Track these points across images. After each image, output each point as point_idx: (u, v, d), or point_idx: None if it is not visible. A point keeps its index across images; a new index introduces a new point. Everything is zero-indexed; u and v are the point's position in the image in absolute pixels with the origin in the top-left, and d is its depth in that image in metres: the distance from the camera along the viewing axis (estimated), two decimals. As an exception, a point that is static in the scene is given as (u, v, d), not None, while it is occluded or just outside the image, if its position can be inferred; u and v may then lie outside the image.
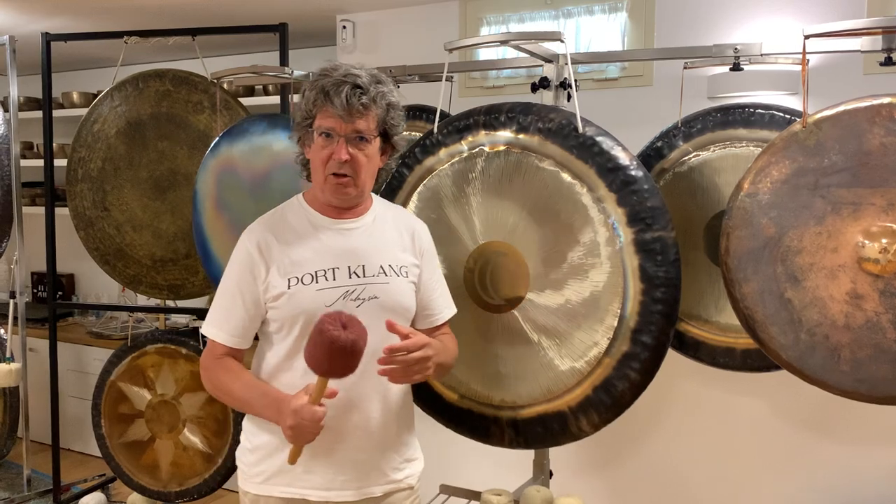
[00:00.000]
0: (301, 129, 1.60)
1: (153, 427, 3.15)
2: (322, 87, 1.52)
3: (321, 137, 1.55)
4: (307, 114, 1.57)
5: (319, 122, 1.55)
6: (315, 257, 1.59)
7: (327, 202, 1.63)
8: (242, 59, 3.75)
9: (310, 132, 1.57)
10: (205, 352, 1.66)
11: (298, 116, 1.58)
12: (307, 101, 1.55)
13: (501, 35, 2.01)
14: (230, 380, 1.61)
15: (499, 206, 1.91)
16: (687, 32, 2.61)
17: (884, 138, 1.57)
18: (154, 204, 3.05)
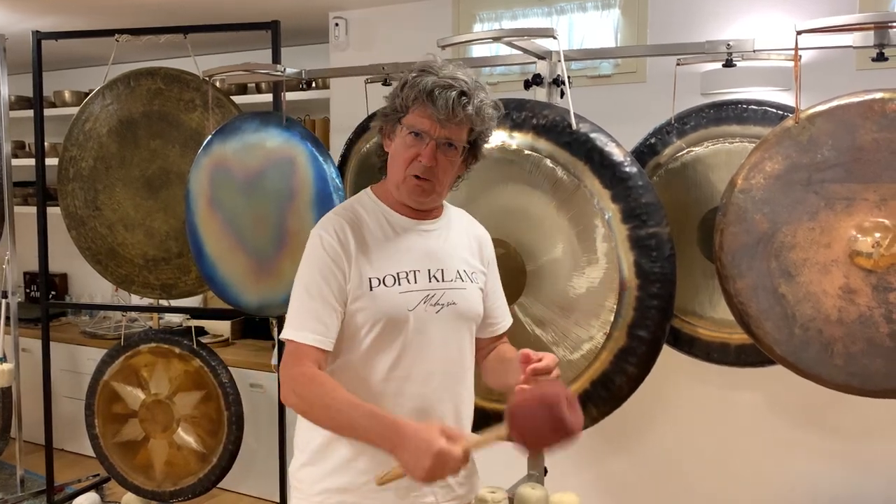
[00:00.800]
0: (388, 120, 1.48)
1: (147, 427, 3.14)
2: (426, 87, 1.42)
3: (410, 136, 1.44)
4: (400, 107, 1.45)
5: (413, 119, 1.44)
6: (396, 258, 1.49)
7: (402, 201, 1.52)
8: (234, 58, 3.73)
9: (397, 126, 1.47)
10: (287, 360, 1.43)
11: (389, 107, 1.47)
12: (405, 95, 1.44)
13: (494, 32, 2.01)
14: (325, 393, 1.38)
15: (494, 203, 1.91)
16: (680, 29, 2.61)
17: (876, 134, 1.58)
18: (146, 203, 3.04)
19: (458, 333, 1.51)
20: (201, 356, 3.07)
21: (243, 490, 3.65)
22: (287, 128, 2.36)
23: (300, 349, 1.41)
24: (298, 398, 1.41)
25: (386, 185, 1.52)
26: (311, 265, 1.45)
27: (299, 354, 1.41)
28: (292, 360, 1.42)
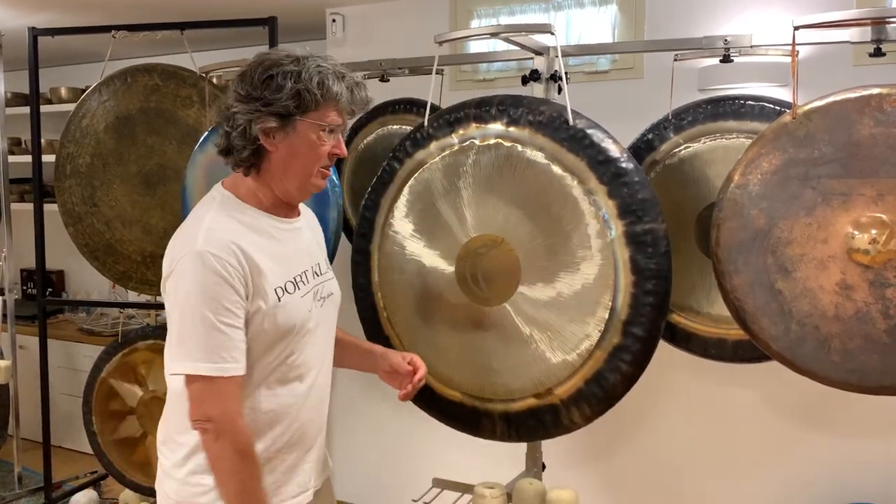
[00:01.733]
0: (281, 118, 1.42)
1: (145, 423, 3.14)
2: (349, 85, 1.45)
3: (322, 132, 1.45)
4: (303, 105, 1.42)
5: (324, 116, 1.44)
6: (288, 262, 1.49)
7: (294, 197, 1.51)
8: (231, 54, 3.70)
9: (294, 123, 1.43)
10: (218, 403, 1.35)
11: (281, 106, 1.40)
12: (314, 93, 1.41)
13: (492, 27, 2.00)
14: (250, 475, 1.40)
15: (490, 200, 1.91)
16: (677, 24, 2.61)
17: (873, 129, 1.58)
18: (143, 199, 3.04)
19: (333, 320, 1.62)
20: (199, 353, 3.06)
21: (241, 487, 3.64)
22: (283, 124, 2.35)
23: (231, 383, 1.36)
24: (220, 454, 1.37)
25: (251, 185, 1.48)
26: (204, 291, 1.35)
27: (231, 391, 1.37)
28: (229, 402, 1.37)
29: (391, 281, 2.05)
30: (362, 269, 2.12)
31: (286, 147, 1.44)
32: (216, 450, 1.37)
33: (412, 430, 3.16)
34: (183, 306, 1.36)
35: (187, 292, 1.35)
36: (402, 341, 2.05)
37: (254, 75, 1.42)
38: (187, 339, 1.36)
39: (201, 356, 1.35)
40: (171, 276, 1.39)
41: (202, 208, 1.47)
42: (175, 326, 1.38)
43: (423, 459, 3.12)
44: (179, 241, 1.42)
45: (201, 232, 1.38)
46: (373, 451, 3.33)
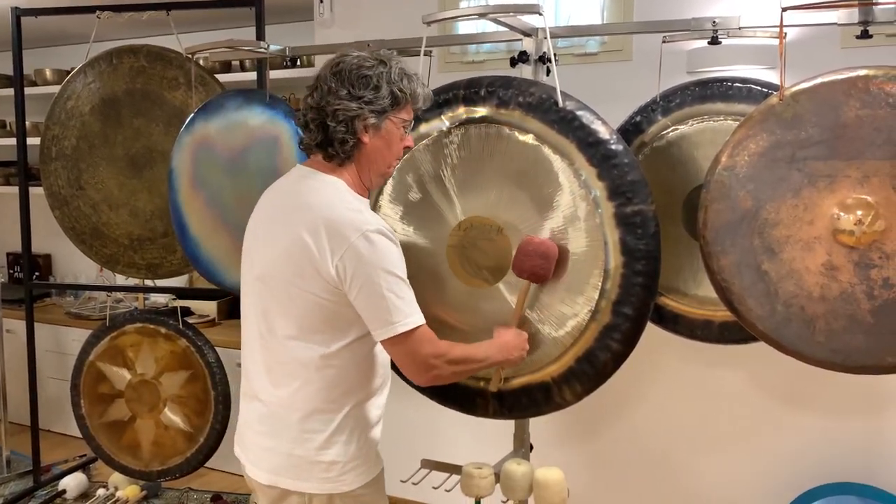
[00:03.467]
0: (379, 115, 1.60)
1: (133, 407, 3.14)
2: (422, 84, 1.67)
3: (403, 128, 1.66)
4: (398, 102, 1.61)
5: (406, 114, 1.65)
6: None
7: (374, 186, 1.73)
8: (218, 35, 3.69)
9: (384, 120, 1.61)
10: (426, 342, 1.57)
11: (382, 104, 1.59)
12: (409, 91, 1.62)
13: (480, 8, 1.99)
14: (462, 348, 1.67)
15: (480, 181, 1.91)
16: (665, 6, 2.60)
17: (859, 111, 1.59)
18: (130, 182, 3.02)
19: None
20: (188, 336, 3.06)
21: (231, 469, 3.66)
22: (271, 105, 2.34)
23: (424, 330, 1.57)
24: (452, 369, 1.62)
25: (346, 172, 1.63)
26: (396, 259, 1.55)
27: (425, 334, 1.57)
28: (425, 342, 1.57)
29: (380, 263, 2.05)
30: (351, 251, 2.11)
31: (376, 141, 1.62)
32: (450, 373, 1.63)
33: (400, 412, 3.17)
34: (381, 276, 1.52)
35: (376, 264, 1.51)
36: (391, 323, 2.06)
37: (351, 75, 1.58)
38: (394, 302, 1.52)
39: (410, 311, 1.54)
40: (351, 256, 1.51)
41: (330, 193, 1.59)
42: (374, 297, 1.52)
43: (411, 441, 3.14)
44: (336, 226, 1.52)
45: (362, 213, 1.57)
46: (362, 433, 3.35)
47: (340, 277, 1.51)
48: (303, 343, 1.58)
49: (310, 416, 1.60)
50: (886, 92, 1.56)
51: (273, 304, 1.61)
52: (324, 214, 1.53)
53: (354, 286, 1.51)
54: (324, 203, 1.56)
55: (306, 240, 1.52)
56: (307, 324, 1.57)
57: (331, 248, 1.51)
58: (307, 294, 1.54)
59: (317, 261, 1.51)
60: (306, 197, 1.59)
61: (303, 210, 1.57)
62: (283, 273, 1.57)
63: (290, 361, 1.60)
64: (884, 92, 1.57)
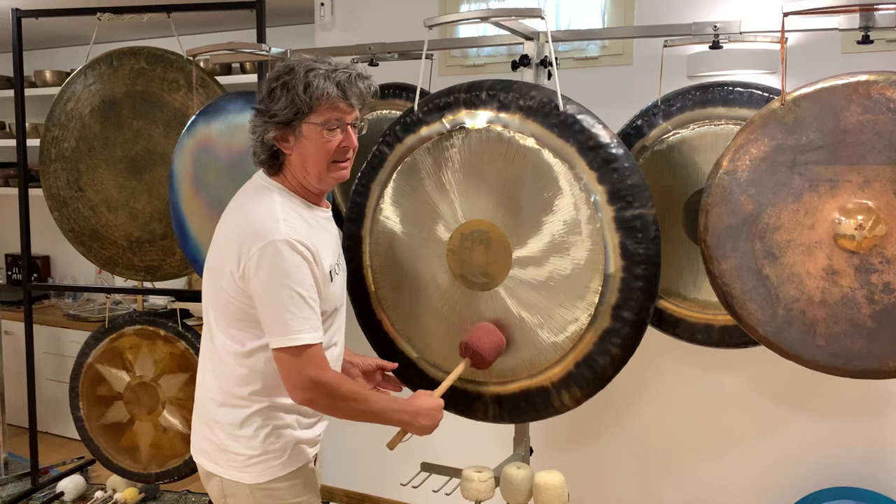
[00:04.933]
0: (288, 125, 1.60)
1: (132, 409, 3.14)
2: (337, 81, 1.58)
3: (325, 130, 1.60)
4: (301, 110, 1.58)
5: (325, 115, 1.60)
6: (328, 248, 1.68)
7: (318, 190, 1.69)
8: (218, 37, 3.69)
9: (300, 127, 1.59)
10: (303, 363, 1.55)
11: (283, 114, 1.58)
12: (308, 96, 1.57)
13: (482, 11, 2.00)
14: (357, 397, 1.64)
15: (480, 185, 1.91)
16: (666, 11, 2.61)
17: (860, 116, 1.59)
18: (130, 184, 3.02)
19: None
20: (187, 338, 3.06)
21: (229, 472, 3.65)
22: (272, 108, 2.34)
23: (313, 350, 1.56)
24: (331, 402, 1.60)
25: (288, 178, 1.66)
26: (291, 272, 1.54)
27: (314, 356, 1.56)
28: (313, 364, 1.56)
29: (382, 266, 2.06)
30: (353, 253, 2.11)
31: (299, 149, 1.62)
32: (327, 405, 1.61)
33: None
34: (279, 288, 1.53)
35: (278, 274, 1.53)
36: (393, 324, 2.06)
37: (263, 90, 1.62)
38: (285, 315, 1.53)
39: (300, 328, 1.54)
40: (255, 261, 1.53)
41: (261, 197, 1.62)
42: (268, 306, 1.54)
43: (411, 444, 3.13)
44: (251, 229, 1.56)
45: (279, 223, 1.55)
46: (360, 436, 3.34)
47: (246, 281, 1.55)
48: (221, 337, 1.65)
49: (220, 406, 1.67)
50: (887, 97, 1.57)
51: (206, 298, 1.70)
52: (244, 218, 1.60)
53: (255, 291, 1.55)
54: (248, 207, 1.62)
55: (227, 240, 1.60)
56: (224, 320, 1.64)
57: (240, 251, 1.55)
58: (222, 291, 1.61)
59: (230, 261, 1.57)
60: (242, 199, 1.67)
61: (234, 212, 1.65)
62: (210, 269, 1.67)
63: (212, 353, 1.69)
64: (885, 97, 1.57)
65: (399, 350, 2.08)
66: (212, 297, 1.67)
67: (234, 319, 1.62)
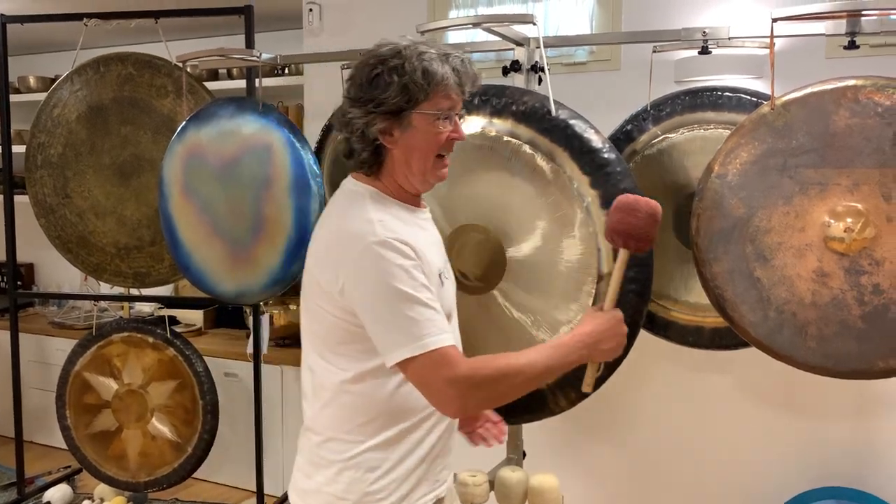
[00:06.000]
0: (394, 115, 1.40)
1: (120, 417, 3.11)
2: (453, 66, 1.42)
3: (438, 120, 1.43)
4: (414, 99, 1.39)
5: (440, 102, 1.42)
6: (436, 251, 1.51)
7: (419, 190, 1.50)
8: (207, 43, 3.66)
9: (409, 117, 1.41)
10: (439, 370, 1.32)
11: (395, 102, 1.39)
12: (427, 80, 1.39)
13: (473, 17, 2.01)
14: (507, 370, 1.37)
15: (474, 189, 1.92)
16: (654, 16, 2.63)
17: (849, 120, 1.61)
18: (117, 190, 3.00)
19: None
20: (175, 345, 3.04)
21: (219, 479, 3.63)
22: (263, 114, 2.33)
23: (443, 352, 1.34)
24: (484, 393, 1.37)
25: (385, 180, 1.48)
26: (402, 275, 1.34)
27: (447, 357, 1.34)
28: (443, 367, 1.33)
29: (374, 271, 2.06)
30: (344, 259, 2.11)
31: (405, 142, 1.43)
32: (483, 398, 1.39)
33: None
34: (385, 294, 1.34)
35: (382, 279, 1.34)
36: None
37: (361, 77, 1.42)
38: (403, 322, 1.33)
39: (424, 331, 1.33)
40: (354, 271, 1.36)
41: (351, 204, 1.44)
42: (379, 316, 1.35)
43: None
44: (343, 238, 1.39)
45: (373, 224, 1.37)
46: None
47: (346, 295, 1.37)
48: (323, 364, 1.46)
49: (325, 441, 1.47)
50: (875, 101, 1.59)
51: (304, 323, 1.51)
52: (336, 227, 1.43)
53: (360, 305, 1.37)
54: (340, 215, 1.45)
55: (322, 255, 1.43)
56: (326, 345, 1.45)
57: (337, 264, 1.39)
58: (325, 312, 1.42)
59: (326, 278, 1.40)
60: (332, 209, 1.49)
61: (326, 224, 1.47)
62: (309, 290, 1.46)
63: (312, 382, 1.50)
64: (873, 101, 1.60)
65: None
66: (309, 322, 1.48)
67: (336, 343, 1.43)
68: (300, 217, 2.24)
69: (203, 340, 3.76)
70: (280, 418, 3.51)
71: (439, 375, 1.33)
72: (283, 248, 2.26)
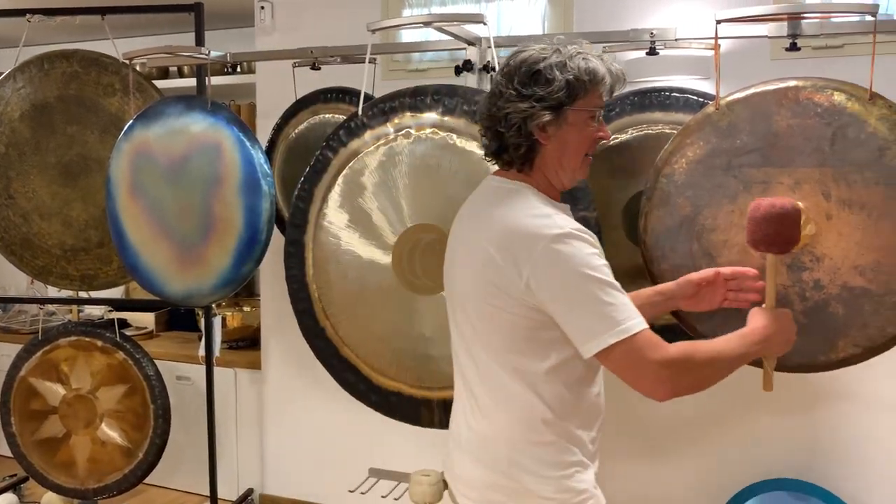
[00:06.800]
0: (555, 111, 1.42)
1: (68, 423, 3.04)
2: (608, 67, 1.46)
3: (591, 118, 1.47)
4: (577, 92, 1.42)
5: (594, 101, 1.46)
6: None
7: (565, 187, 1.52)
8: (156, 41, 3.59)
9: (565, 114, 1.43)
10: (652, 347, 1.34)
11: (558, 97, 1.41)
12: (590, 78, 1.42)
13: (424, 16, 2.01)
14: (707, 348, 1.42)
15: (426, 189, 1.92)
16: (605, 17, 2.66)
17: (790, 120, 1.65)
18: (63, 191, 2.93)
19: None
20: (125, 349, 2.98)
21: (172, 485, 3.57)
22: (212, 112, 2.30)
23: (645, 335, 1.35)
24: (693, 376, 1.40)
25: (535, 175, 1.49)
26: (595, 261, 1.36)
27: (650, 340, 1.35)
28: (652, 349, 1.34)
29: (327, 272, 2.04)
30: (296, 260, 2.10)
31: (559, 138, 1.45)
32: (690, 382, 1.40)
33: (347, 420, 3.15)
34: (580, 281, 1.34)
35: (575, 267, 1.34)
36: (338, 332, 2.05)
37: (519, 73, 1.43)
38: (603, 308, 1.33)
39: (625, 316, 1.33)
40: (543, 264, 1.35)
41: (516, 199, 1.44)
42: (576, 306, 1.35)
43: (359, 449, 3.12)
44: (523, 233, 1.38)
45: (551, 217, 1.39)
46: (307, 443, 3.31)
47: (533, 291, 1.36)
48: (503, 367, 1.44)
49: (516, 447, 1.46)
50: (814, 102, 1.64)
51: (474, 326, 1.48)
52: (508, 225, 1.41)
53: (550, 298, 1.36)
54: (507, 213, 1.43)
55: (493, 255, 1.40)
56: (505, 346, 1.44)
57: (518, 261, 1.37)
58: (502, 313, 1.41)
59: (505, 276, 1.38)
60: (492, 209, 1.46)
61: (488, 224, 1.45)
62: (478, 292, 1.44)
63: (494, 387, 1.47)
64: (812, 102, 1.64)
65: (343, 357, 2.07)
66: (478, 326, 1.46)
67: (520, 340, 1.42)
68: (251, 216, 2.22)
69: (155, 343, 3.69)
70: (234, 421, 3.46)
71: (650, 358, 1.33)
72: (234, 248, 2.24)
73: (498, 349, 1.45)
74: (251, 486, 3.45)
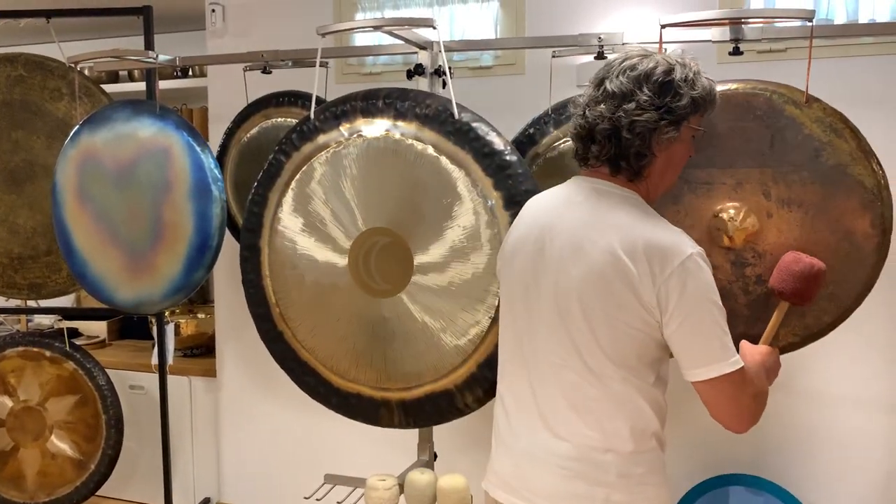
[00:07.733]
0: (674, 125, 1.43)
1: (16, 436, 2.97)
2: (712, 87, 1.50)
3: (693, 137, 1.50)
4: (697, 109, 1.46)
5: (700, 121, 1.50)
6: None
7: (654, 200, 1.52)
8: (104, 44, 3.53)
9: (679, 129, 1.44)
10: (747, 385, 1.41)
11: (682, 112, 1.43)
12: (711, 97, 1.48)
13: (374, 20, 2.01)
14: (761, 381, 1.51)
15: (380, 193, 1.92)
16: (556, 22, 2.70)
17: (731, 122, 1.70)
18: (9, 198, 2.86)
19: None
20: (75, 358, 2.92)
21: (125, 496, 3.50)
22: (161, 116, 2.27)
23: (746, 371, 1.41)
24: (761, 409, 1.47)
25: (642, 185, 1.48)
26: (716, 289, 1.39)
27: (748, 376, 1.42)
28: (749, 385, 1.42)
29: (283, 276, 2.03)
30: (252, 264, 2.08)
31: (669, 152, 1.46)
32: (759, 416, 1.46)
33: (304, 426, 3.13)
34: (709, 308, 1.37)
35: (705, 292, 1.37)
36: (296, 336, 2.04)
37: (650, 82, 1.42)
38: (723, 338, 1.38)
39: (735, 350, 1.39)
40: (676, 282, 1.35)
41: (638, 209, 1.44)
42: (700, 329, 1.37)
43: (314, 455, 3.10)
44: (658, 247, 1.37)
45: (684, 235, 1.41)
46: (264, 451, 3.28)
47: (661, 306, 1.35)
48: (613, 377, 1.42)
49: (625, 457, 1.45)
50: (753, 105, 1.69)
51: (594, 331, 1.42)
52: (643, 234, 1.38)
53: (677, 317, 1.35)
54: (638, 221, 1.40)
55: (624, 261, 1.36)
56: (619, 356, 1.41)
57: (653, 272, 1.35)
58: (620, 323, 1.39)
59: (636, 285, 1.35)
60: (607, 213, 1.43)
61: (611, 227, 1.40)
62: (593, 299, 1.40)
63: (601, 397, 1.44)
64: (750, 105, 1.69)
65: (302, 360, 2.06)
66: (599, 335, 1.41)
67: (632, 355, 1.42)
68: (201, 222, 2.19)
69: (107, 352, 3.62)
70: (189, 430, 3.41)
71: (747, 393, 1.40)
72: (184, 254, 2.21)
73: (613, 358, 1.42)
74: (208, 495, 3.40)
